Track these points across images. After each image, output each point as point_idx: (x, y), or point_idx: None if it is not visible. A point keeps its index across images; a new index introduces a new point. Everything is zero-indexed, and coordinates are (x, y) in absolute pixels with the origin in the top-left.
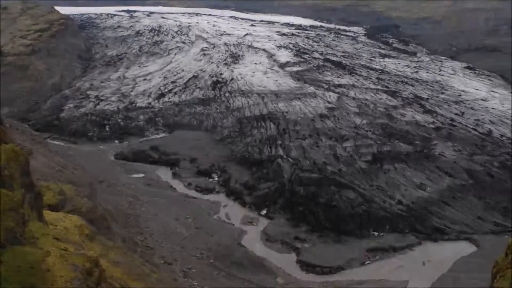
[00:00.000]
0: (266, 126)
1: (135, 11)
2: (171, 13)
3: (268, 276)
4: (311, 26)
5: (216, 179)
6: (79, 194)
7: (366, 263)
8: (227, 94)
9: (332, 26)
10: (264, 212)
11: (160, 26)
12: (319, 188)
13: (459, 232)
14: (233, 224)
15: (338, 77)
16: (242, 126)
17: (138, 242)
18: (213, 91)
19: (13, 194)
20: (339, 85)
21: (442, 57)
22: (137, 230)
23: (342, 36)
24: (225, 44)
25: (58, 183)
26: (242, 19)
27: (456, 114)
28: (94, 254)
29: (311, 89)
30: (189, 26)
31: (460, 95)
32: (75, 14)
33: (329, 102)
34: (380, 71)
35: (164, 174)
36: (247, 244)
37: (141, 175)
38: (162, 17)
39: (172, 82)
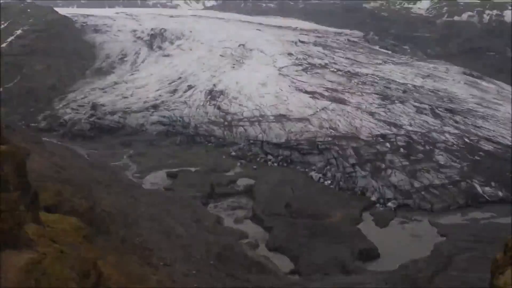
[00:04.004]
0: (265, 135)
1: (136, 14)
2: (174, 16)
3: (269, 277)
4: (313, 30)
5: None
6: (77, 195)
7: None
8: (225, 104)
9: (333, 29)
10: (265, 212)
11: (161, 30)
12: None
13: None
14: (234, 225)
15: (339, 84)
16: (239, 133)
17: (137, 243)
18: (210, 100)
19: (9, 195)
20: (341, 92)
21: (442, 61)
22: (136, 231)
23: (343, 40)
24: (226, 50)
25: (55, 183)
26: (244, 21)
27: (457, 122)
28: (92, 256)
29: (312, 97)
30: (191, 30)
31: (461, 103)
32: (75, 14)
33: (330, 110)
34: (381, 78)
35: (163, 175)
36: (247, 245)
37: (140, 175)
38: (165, 20)
39: (170, 90)
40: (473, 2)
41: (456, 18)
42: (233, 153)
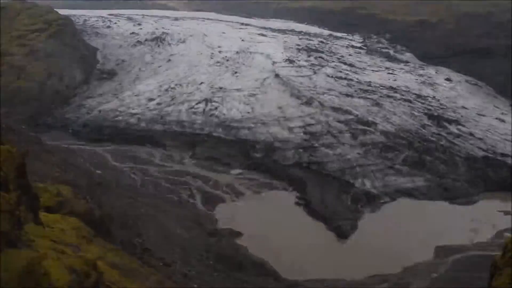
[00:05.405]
0: (265, 140)
1: (137, 16)
2: (176, 18)
3: (269, 278)
4: (314, 34)
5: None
6: (77, 195)
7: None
8: (225, 110)
9: (333, 33)
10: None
11: (162, 34)
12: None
13: None
14: (234, 225)
15: (340, 93)
16: (240, 137)
17: (137, 244)
18: (210, 106)
19: (9, 196)
20: (342, 100)
21: (445, 68)
22: (136, 232)
23: (345, 45)
24: (227, 54)
25: (55, 184)
26: (246, 24)
27: (457, 135)
28: (92, 257)
29: (312, 104)
30: (192, 34)
31: (461, 113)
32: (76, 15)
33: (332, 118)
34: (382, 86)
35: (163, 175)
36: (246, 245)
37: (141, 176)
38: (165, 23)
39: (171, 96)
40: (474, 3)
41: (455, 19)
42: (239, 157)
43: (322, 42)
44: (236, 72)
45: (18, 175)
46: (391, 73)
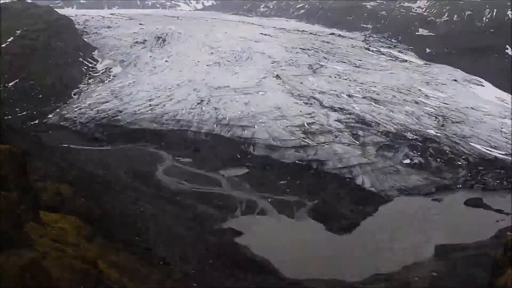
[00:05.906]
0: (265, 140)
1: (136, 16)
2: (175, 17)
3: (269, 276)
4: (316, 33)
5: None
6: (77, 195)
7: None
8: (224, 110)
9: (334, 31)
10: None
11: (162, 33)
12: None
13: None
14: (233, 225)
15: (341, 92)
16: (241, 137)
17: (137, 242)
18: (210, 106)
19: (9, 195)
20: (343, 100)
21: (447, 66)
22: (136, 231)
23: (346, 45)
24: (226, 55)
25: (55, 183)
26: (247, 23)
27: (461, 136)
28: (92, 255)
29: (312, 104)
30: (193, 34)
31: (463, 112)
32: (76, 15)
33: (333, 120)
34: (384, 86)
35: (162, 174)
36: (247, 244)
37: (140, 175)
38: (165, 23)
39: (170, 96)
40: (473, 2)
41: (456, 17)
42: (238, 156)
43: (323, 41)
44: (235, 72)
45: (19, 174)
46: (393, 73)
